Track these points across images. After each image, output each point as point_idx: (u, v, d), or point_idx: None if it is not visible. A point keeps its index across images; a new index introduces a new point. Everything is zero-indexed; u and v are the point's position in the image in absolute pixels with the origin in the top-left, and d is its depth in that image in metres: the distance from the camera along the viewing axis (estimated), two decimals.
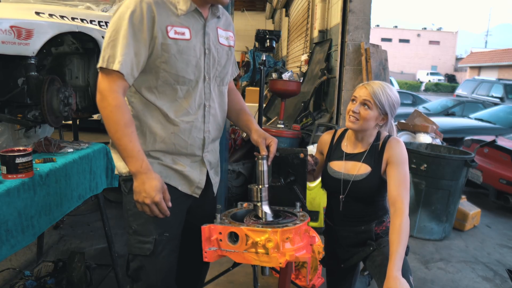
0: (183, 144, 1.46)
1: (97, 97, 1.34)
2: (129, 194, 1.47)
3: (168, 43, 1.36)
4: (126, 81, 1.33)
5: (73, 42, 2.41)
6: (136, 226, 1.47)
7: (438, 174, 3.49)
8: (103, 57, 1.32)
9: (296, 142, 4.12)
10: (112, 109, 1.30)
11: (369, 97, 1.65)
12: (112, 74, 1.32)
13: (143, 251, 1.46)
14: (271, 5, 13.26)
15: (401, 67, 40.90)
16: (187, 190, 1.52)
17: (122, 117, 1.31)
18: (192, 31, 1.42)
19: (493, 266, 3.18)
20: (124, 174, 1.49)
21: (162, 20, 1.35)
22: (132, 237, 1.48)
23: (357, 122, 1.67)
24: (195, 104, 1.46)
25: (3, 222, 1.38)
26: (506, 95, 10.61)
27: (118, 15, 1.34)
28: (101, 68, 1.33)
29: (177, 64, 1.39)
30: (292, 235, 1.38)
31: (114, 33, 1.33)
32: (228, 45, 1.59)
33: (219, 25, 1.55)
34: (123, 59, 1.30)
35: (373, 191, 1.70)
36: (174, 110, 1.43)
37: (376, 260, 1.68)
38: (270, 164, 1.59)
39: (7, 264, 2.64)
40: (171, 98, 1.42)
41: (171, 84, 1.41)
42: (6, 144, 2.08)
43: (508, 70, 21.55)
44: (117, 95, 1.31)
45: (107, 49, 1.33)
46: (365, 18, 4.27)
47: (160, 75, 1.39)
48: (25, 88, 1.96)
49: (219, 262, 1.68)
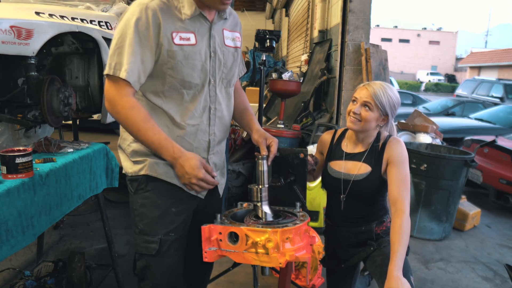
0: (189, 147, 1.47)
1: (106, 105, 1.36)
2: (135, 194, 1.49)
3: (174, 49, 1.37)
4: (133, 88, 1.35)
5: (73, 42, 2.41)
6: (142, 226, 1.48)
7: (438, 174, 3.49)
8: (109, 64, 1.33)
9: (296, 142, 4.12)
10: (126, 111, 1.32)
11: (370, 98, 1.65)
12: (119, 81, 1.33)
13: (149, 250, 1.47)
14: (271, 5, 13.26)
15: (401, 67, 40.90)
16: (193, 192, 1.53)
17: (138, 115, 1.33)
18: (197, 36, 1.42)
19: (493, 266, 3.17)
20: (130, 174, 1.50)
21: (168, 26, 1.35)
22: (138, 237, 1.49)
23: (358, 123, 1.67)
24: (200, 107, 1.47)
25: (3, 222, 1.38)
26: (506, 95, 10.61)
27: (124, 22, 1.34)
28: (108, 75, 1.34)
29: (183, 69, 1.39)
30: (292, 235, 1.38)
31: (120, 40, 1.33)
32: (235, 46, 1.58)
33: (226, 26, 1.55)
34: (129, 67, 1.31)
35: (373, 191, 1.70)
36: (181, 114, 1.44)
37: (376, 260, 1.68)
38: (270, 164, 1.59)
39: (7, 264, 2.64)
40: (177, 102, 1.43)
41: (178, 88, 1.42)
42: (6, 144, 2.08)
43: (508, 70, 21.55)
44: (128, 98, 1.33)
45: (113, 56, 1.33)
46: (365, 18, 4.27)
47: (167, 81, 1.40)
48: (25, 88, 1.96)
49: (219, 262, 1.69)
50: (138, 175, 1.47)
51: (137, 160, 1.48)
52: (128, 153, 1.50)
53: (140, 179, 1.47)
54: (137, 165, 1.48)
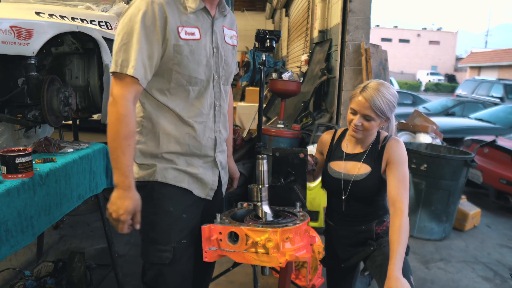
0: (197, 145, 1.46)
1: (109, 100, 1.32)
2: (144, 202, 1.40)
3: (180, 44, 1.34)
4: (140, 85, 1.31)
5: (73, 42, 2.41)
6: (154, 235, 1.44)
7: (438, 174, 3.49)
8: (116, 61, 1.29)
9: (296, 142, 4.11)
10: (118, 116, 1.28)
11: (369, 110, 1.61)
12: (125, 79, 1.29)
13: (162, 259, 1.43)
14: (271, 5, 13.25)
15: (401, 67, 40.89)
16: (201, 194, 1.52)
17: (125, 128, 1.28)
18: (201, 31, 1.40)
19: (493, 266, 3.17)
20: (136, 179, 1.41)
21: (174, 20, 1.33)
22: (149, 246, 1.45)
23: (361, 132, 1.66)
24: (207, 104, 1.46)
25: (3, 222, 1.38)
26: (506, 95, 10.60)
27: (128, 17, 1.30)
28: (114, 73, 1.31)
29: (189, 65, 1.37)
30: (292, 235, 1.38)
31: (126, 35, 1.29)
32: (233, 44, 1.58)
33: (225, 23, 1.54)
34: (136, 64, 1.27)
35: (373, 191, 1.70)
36: (187, 111, 1.42)
37: (376, 260, 1.68)
38: (270, 164, 1.60)
39: (7, 264, 2.63)
40: (183, 99, 1.41)
41: (184, 85, 1.40)
42: (6, 144, 2.07)
43: (508, 70, 21.54)
44: (128, 103, 1.29)
45: (119, 53, 1.29)
46: (365, 18, 4.27)
47: (173, 77, 1.37)
48: (25, 88, 1.96)
49: (219, 262, 1.68)
50: (146, 181, 1.44)
51: (144, 164, 1.45)
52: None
53: (149, 186, 1.44)
54: (144, 170, 1.45)
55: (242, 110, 5.71)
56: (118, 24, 1.34)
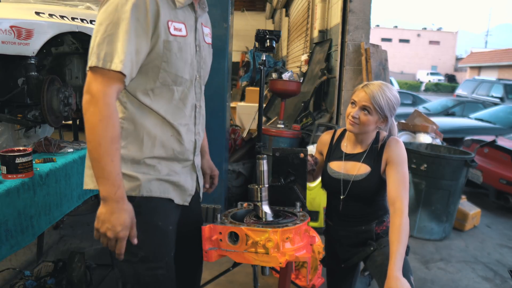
0: (181, 149, 1.36)
1: (85, 99, 1.13)
2: None
3: (170, 40, 1.23)
4: (124, 84, 1.16)
5: (73, 42, 2.41)
6: (144, 253, 1.29)
7: (438, 174, 3.48)
8: (97, 55, 1.12)
9: (296, 142, 4.12)
10: (102, 118, 1.11)
11: (368, 102, 1.63)
12: (108, 75, 1.13)
13: (156, 277, 1.31)
14: (271, 5, 13.25)
15: (401, 67, 40.90)
16: (180, 201, 1.40)
17: (111, 130, 1.12)
18: (187, 27, 1.30)
19: (493, 266, 3.17)
20: None
21: (164, 14, 1.21)
22: (138, 266, 1.30)
23: (357, 126, 1.67)
24: (189, 105, 1.36)
25: (3, 222, 1.38)
26: (506, 95, 10.61)
27: (113, 6, 1.14)
28: (94, 68, 1.13)
29: (177, 63, 1.27)
30: (292, 235, 1.38)
31: (111, 26, 1.13)
32: (209, 43, 1.49)
33: (202, 21, 1.45)
34: (125, 58, 1.12)
35: (373, 191, 1.70)
36: (171, 113, 1.31)
37: (376, 260, 1.68)
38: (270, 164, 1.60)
39: (7, 264, 2.63)
40: (167, 101, 1.30)
41: (169, 85, 1.28)
42: (6, 144, 2.08)
43: (508, 70, 21.54)
44: (111, 101, 1.13)
45: (102, 45, 1.12)
46: (365, 18, 4.27)
47: (159, 76, 1.25)
48: (25, 88, 1.96)
49: (219, 262, 1.68)
50: (130, 196, 1.24)
51: (125, 173, 1.25)
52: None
53: (135, 202, 1.25)
54: (128, 183, 1.27)
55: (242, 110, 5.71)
56: (98, 13, 1.18)
